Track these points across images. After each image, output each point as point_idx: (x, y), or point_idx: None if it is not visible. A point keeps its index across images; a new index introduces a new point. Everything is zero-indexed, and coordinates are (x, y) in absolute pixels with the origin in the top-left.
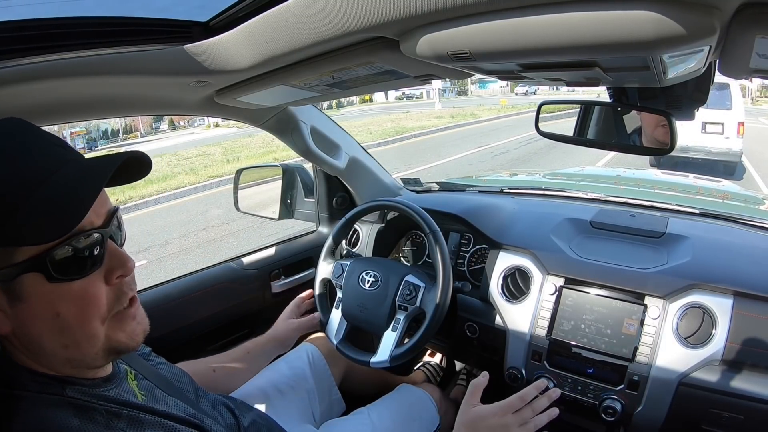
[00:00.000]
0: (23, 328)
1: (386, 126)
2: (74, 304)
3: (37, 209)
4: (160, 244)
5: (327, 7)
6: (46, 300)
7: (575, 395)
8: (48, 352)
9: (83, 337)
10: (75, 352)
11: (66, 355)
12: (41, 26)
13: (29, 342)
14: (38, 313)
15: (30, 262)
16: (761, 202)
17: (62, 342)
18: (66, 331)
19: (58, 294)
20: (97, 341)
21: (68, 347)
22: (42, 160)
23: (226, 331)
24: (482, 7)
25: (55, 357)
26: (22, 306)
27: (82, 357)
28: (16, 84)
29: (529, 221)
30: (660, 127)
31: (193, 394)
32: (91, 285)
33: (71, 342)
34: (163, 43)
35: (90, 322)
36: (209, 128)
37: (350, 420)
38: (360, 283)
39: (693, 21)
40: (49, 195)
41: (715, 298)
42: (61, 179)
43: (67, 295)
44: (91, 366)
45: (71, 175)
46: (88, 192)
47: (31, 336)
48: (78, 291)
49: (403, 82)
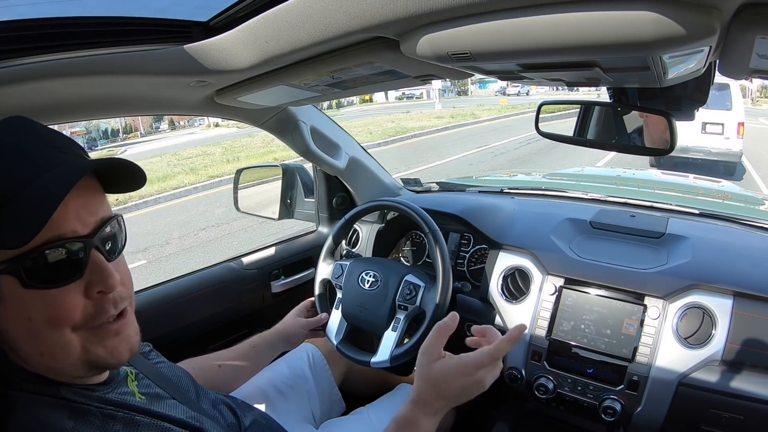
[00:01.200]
0: (4, 328)
1: (386, 126)
2: (45, 310)
3: (13, 213)
4: (160, 244)
5: (327, 7)
6: (19, 303)
7: (575, 395)
8: (27, 360)
9: (55, 346)
10: (51, 360)
11: (43, 363)
12: (41, 26)
13: (10, 343)
14: (13, 315)
15: (5, 265)
16: (761, 202)
17: (38, 348)
18: (38, 337)
19: (31, 299)
20: (72, 352)
21: (43, 355)
22: (30, 165)
23: (226, 330)
24: (482, 7)
25: (35, 363)
26: (1, 305)
27: (61, 366)
28: (16, 84)
29: (529, 221)
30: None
31: (193, 394)
32: (67, 294)
33: (45, 350)
34: (163, 43)
35: (59, 330)
36: (209, 128)
37: (350, 420)
38: (360, 284)
39: (693, 21)
40: (24, 200)
41: (714, 298)
42: (39, 185)
43: (39, 300)
44: (74, 375)
45: (49, 181)
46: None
47: (9, 337)
48: (50, 299)
49: (403, 82)
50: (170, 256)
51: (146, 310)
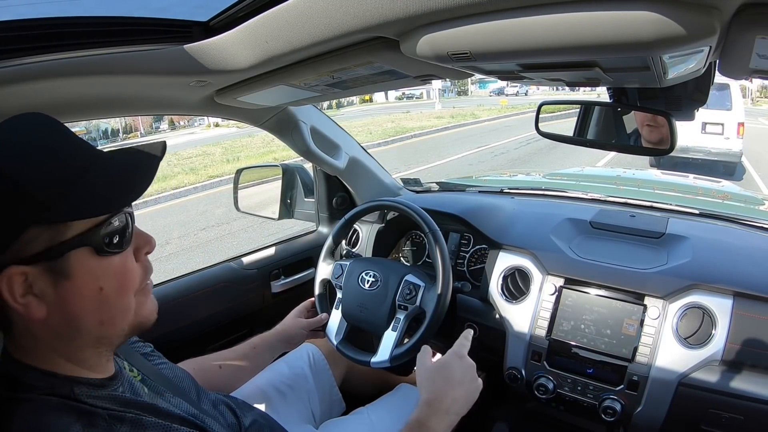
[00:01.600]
0: (64, 308)
1: (386, 126)
2: (116, 278)
3: (96, 184)
4: (160, 243)
5: (327, 7)
6: (92, 275)
7: (575, 395)
8: (82, 333)
9: (119, 311)
10: (108, 328)
11: (98, 333)
12: (41, 26)
13: (65, 324)
14: (82, 289)
15: (80, 238)
16: (761, 202)
17: (100, 317)
18: (105, 306)
19: (103, 268)
20: (129, 315)
21: (104, 323)
22: (85, 147)
23: (226, 330)
24: (482, 7)
25: (85, 338)
26: (67, 284)
27: (112, 333)
28: (16, 84)
29: (529, 221)
30: (646, 126)
31: (194, 394)
32: (128, 259)
33: (107, 317)
34: (163, 43)
35: (127, 295)
36: (209, 128)
37: (349, 420)
38: (360, 284)
39: (693, 21)
40: (106, 172)
41: (714, 298)
42: (113, 161)
43: (109, 269)
44: (113, 344)
45: (122, 155)
46: (149, 170)
47: (70, 316)
48: (118, 266)
49: (403, 82)
50: (170, 256)
51: None
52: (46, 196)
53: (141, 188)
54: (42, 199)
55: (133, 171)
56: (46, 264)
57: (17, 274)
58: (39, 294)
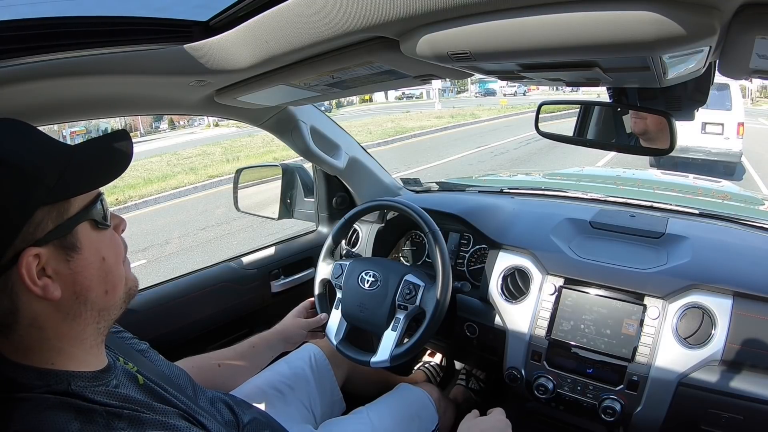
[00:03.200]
0: (76, 282)
1: (386, 126)
2: (111, 248)
3: (86, 163)
4: (160, 243)
5: (327, 7)
6: (95, 246)
7: (575, 395)
8: (88, 306)
9: (118, 279)
10: (111, 297)
11: (102, 304)
12: (41, 25)
13: (76, 300)
14: (90, 260)
15: (82, 212)
16: (761, 202)
17: (104, 287)
18: (108, 275)
19: (102, 240)
20: (123, 283)
21: (108, 293)
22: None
23: (226, 330)
24: (482, 7)
25: (90, 313)
26: (77, 257)
27: (112, 304)
28: (17, 83)
29: (529, 221)
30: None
31: (191, 391)
32: (114, 233)
33: (110, 286)
34: (163, 43)
35: (120, 265)
36: (209, 128)
37: (349, 419)
38: (359, 283)
39: (693, 21)
40: (90, 154)
41: (714, 298)
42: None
43: (105, 240)
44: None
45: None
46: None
47: (81, 289)
48: (110, 238)
49: (403, 82)
50: (170, 256)
51: (146, 310)
52: (47, 177)
53: (123, 164)
54: (45, 181)
55: (112, 151)
56: (57, 242)
57: (32, 257)
58: (53, 274)
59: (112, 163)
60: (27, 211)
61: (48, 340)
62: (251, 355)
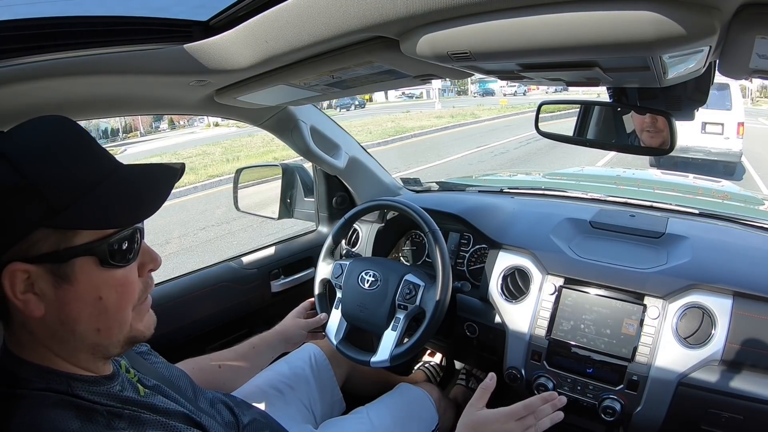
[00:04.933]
0: (62, 311)
1: (386, 126)
2: (116, 290)
3: (108, 196)
4: (160, 243)
5: (327, 7)
6: (93, 284)
7: (575, 395)
8: (77, 337)
9: (116, 323)
10: (104, 337)
11: (93, 340)
12: (41, 25)
13: (62, 325)
14: (82, 296)
15: (87, 246)
16: (761, 202)
17: (96, 326)
18: (103, 315)
19: (105, 279)
20: (125, 328)
21: (100, 331)
22: (105, 157)
23: (226, 330)
24: (482, 7)
25: (80, 342)
26: (67, 288)
27: (107, 343)
28: (16, 83)
29: (529, 221)
30: (646, 132)
31: (191, 392)
32: (131, 274)
33: (104, 327)
34: (163, 43)
35: (125, 309)
36: (209, 127)
37: (349, 419)
38: (359, 283)
39: (693, 21)
40: (120, 186)
41: (714, 298)
42: (130, 174)
43: (111, 280)
44: (108, 355)
45: (139, 170)
46: (165, 186)
47: (67, 319)
48: (120, 278)
49: (403, 81)
50: (170, 256)
51: None
52: (57, 200)
53: (152, 208)
54: (53, 203)
55: (147, 189)
56: (49, 266)
57: (20, 271)
58: (39, 293)
59: (139, 204)
60: (25, 227)
61: (42, 345)
62: (252, 356)
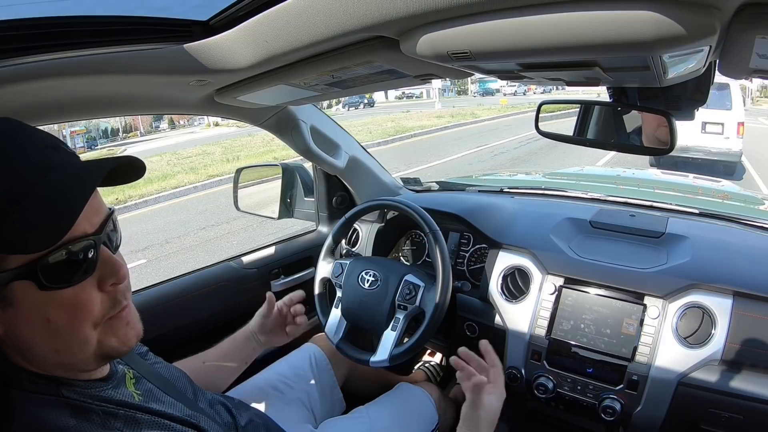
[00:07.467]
0: (13, 333)
1: (386, 125)
2: (64, 310)
3: (26, 217)
4: (160, 243)
5: (327, 7)
6: (36, 307)
7: (575, 395)
8: (39, 356)
9: (74, 343)
10: (66, 356)
11: (57, 359)
12: (41, 25)
13: (21, 344)
14: (28, 319)
15: (20, 270)
16: (761, 202)
17: (53, 346)
18: (57, 336)
19: (48, 301)
20: (89, 346)
21: (59, 351)
22: (30, 165)
23: (226, 330)
24: (482, 7)
25: (46, 360)
26: (12, 311)
27: (74, 361)
28: (16, 83)
29: (529, 221)
30: (662, 127)
31: (191, 393)
32: (83, 292)
33: (62, 347)
34: (163, 42)
35: (81, 328)
36: (209, 127)
37: (349, 419)
38: (359, 283)
39: (693, 21)
40: (37, 203)
41: (714, 298)
42: (48, 186)
43: (56, 302)
44: (83, 369)
45: (59, 182)
46: (77, 200)
47: (22, 339)
48: (68, 298)
49: (403, 81)
50: (170, 255)
51: (146, 310)
52: None
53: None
54: None
55: (83, 195)
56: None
57: None
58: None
59: (70, 215)
60: None
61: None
62: (231, 349)
